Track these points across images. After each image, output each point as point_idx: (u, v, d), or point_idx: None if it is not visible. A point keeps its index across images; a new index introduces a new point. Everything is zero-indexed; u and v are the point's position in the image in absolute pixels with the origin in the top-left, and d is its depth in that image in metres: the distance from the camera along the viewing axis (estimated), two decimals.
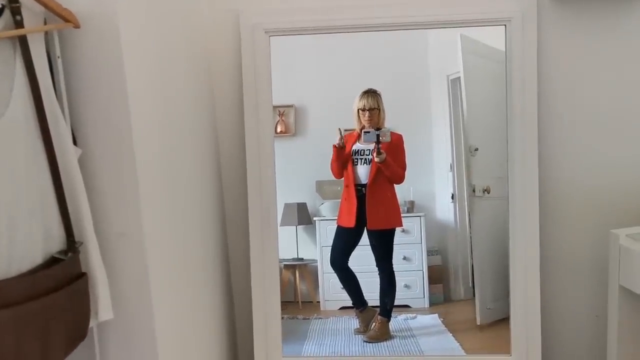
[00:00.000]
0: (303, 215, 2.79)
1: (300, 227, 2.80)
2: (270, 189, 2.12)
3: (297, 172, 2.70)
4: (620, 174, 2.16)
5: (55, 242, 1.18)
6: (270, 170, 2.12)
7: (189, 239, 1.76)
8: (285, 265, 2.66)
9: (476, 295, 2.46)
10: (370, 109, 2.54)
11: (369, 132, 2.52)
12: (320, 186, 2.80)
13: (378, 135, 2.50)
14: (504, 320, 2.27)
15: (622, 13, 2.09)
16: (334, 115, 2.73)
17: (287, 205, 2.68)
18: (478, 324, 2.43)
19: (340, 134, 2.55)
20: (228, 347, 2.19)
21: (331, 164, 2.61)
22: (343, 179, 2.60)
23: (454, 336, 2.46)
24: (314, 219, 2.80)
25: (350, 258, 2.64)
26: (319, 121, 2.77)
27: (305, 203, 2.79)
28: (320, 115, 2.77)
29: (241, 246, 2.22)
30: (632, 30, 2.10)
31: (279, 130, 2.59)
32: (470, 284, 2.62)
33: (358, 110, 2.57)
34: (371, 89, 2.57)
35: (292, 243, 2.79)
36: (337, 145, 2.55)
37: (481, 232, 2.46)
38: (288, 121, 2.74)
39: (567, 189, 2.17)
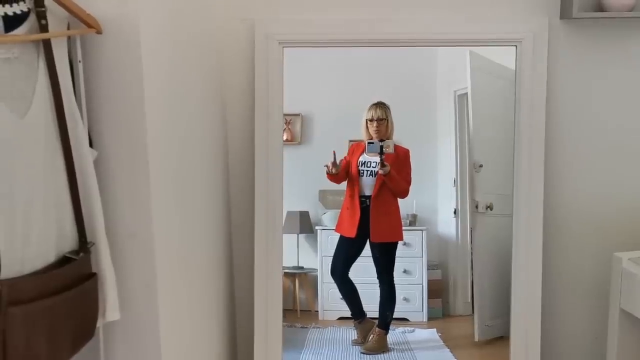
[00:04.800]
0: (305, 224, 2.81)
1: (301, 236, 2.82)
2: (277, 197, 2.14)
3: (301, 180, 2.72)
4: (625, 197, 2.17)
5: (68, 241, 1.20)
6: (278, 179, 2.14)
7: (196, 243, 1.78)
8: (285, 273, 2.67)
9: (475, 311, 2.46)
10: (378, 120, 2.56)
11: (372, 143, 2.54)
12: (323, 195, 2.82)
13: (382, 147, 2.52)
14: (502, 339, 2.28)
15: (633, 37, 2.11)
16: (340, 126, 2.76)
17: (289, 213, 2.70)
18: (476, 340, 2.44)
19: (334, 158, 2.55)
20: (228, 353, 2.20)
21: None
22: (346, 188, 2.62)
23: (451, 352, 2.47)
24: (316, 228, 2.81)
25: (351, 269, 2.66)
26: (325, 131, 2.80)
27: (307, 212, 2.82)
28: (326, 125, 2.80)
29: (245, 252, 2.23)
30: None
31: (284, 138, 2.61)
32: (470, 300, 2.64)
33: (366, 121, 2.59)
34: (380, 101, 2.59)
35: (293, 251, 2.81)
36: (328, 172, 2.54)
37: (482, 249, 2.47)
38: (294, 129, 2.76)
39: (572, 210, 2.19)
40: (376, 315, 2.61)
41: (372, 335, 2.56)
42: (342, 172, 2.60)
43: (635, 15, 2.00)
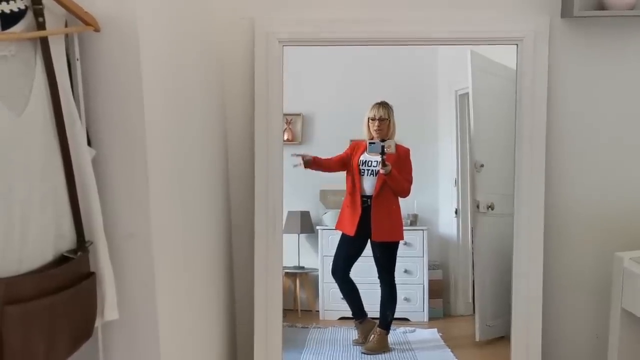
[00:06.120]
0: (306, 224, 2.80)
1: (302, 236, 2.81)
2: (277, 196, 2.13)
3: (302, 180, 2.71)
4: (627, 197, 2.16)
5: (66, 240, 1.19)
6: (278, 177, 2.13)
7: (195, 242, 1.77)
8: (286, 272, 2.66)
9: (476, 311, 2.45)
10: (380, 119, 2.55)
11: (374, 142, 2.53)
12: (324, 195, 2.81)
13: (383, 147, 2.51)
14: (503, 339, 2.27)
15: (634, 35, 2.10)
16: (341, 126, 2.75)
17: (290, 213, 2.69)
18: (477, 340, 2.43)
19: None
20: (228, 353, 2.20)
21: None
22: (346, 186, 2.61)
23: (452, 352, 2.46)
24: (317, 227, 2.80)
25: (352, 269, 2.65)
26: (326, 130, 2.78)
27: (308, 212, 2.80)
28: (327, 125, 2.79)
29: (245, 252, 2.23)
30: None
31: (285, 138, 2.60)
32: (471, 300, 2.62)
33: (368, 119, 2.58)
34: (383, 100, 2.58)
35: (294, 251, 2.80)
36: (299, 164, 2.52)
37: (483, 249, 2.46)
38: (295, 129, 2.75)
39: (573, 210, 2.18)
40: (377, 315, 2.60)
41: (373, 335, 2.55)
42: (335, 163, 2.59)
43: (636, 13, 1.99)
